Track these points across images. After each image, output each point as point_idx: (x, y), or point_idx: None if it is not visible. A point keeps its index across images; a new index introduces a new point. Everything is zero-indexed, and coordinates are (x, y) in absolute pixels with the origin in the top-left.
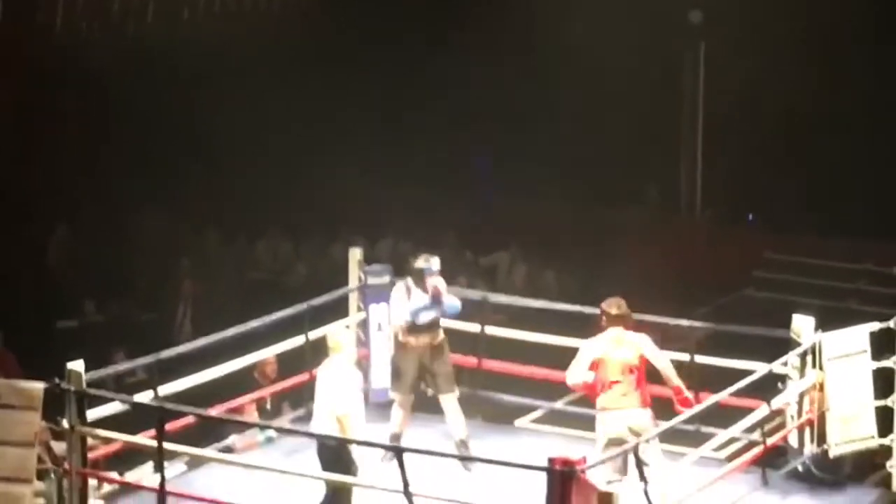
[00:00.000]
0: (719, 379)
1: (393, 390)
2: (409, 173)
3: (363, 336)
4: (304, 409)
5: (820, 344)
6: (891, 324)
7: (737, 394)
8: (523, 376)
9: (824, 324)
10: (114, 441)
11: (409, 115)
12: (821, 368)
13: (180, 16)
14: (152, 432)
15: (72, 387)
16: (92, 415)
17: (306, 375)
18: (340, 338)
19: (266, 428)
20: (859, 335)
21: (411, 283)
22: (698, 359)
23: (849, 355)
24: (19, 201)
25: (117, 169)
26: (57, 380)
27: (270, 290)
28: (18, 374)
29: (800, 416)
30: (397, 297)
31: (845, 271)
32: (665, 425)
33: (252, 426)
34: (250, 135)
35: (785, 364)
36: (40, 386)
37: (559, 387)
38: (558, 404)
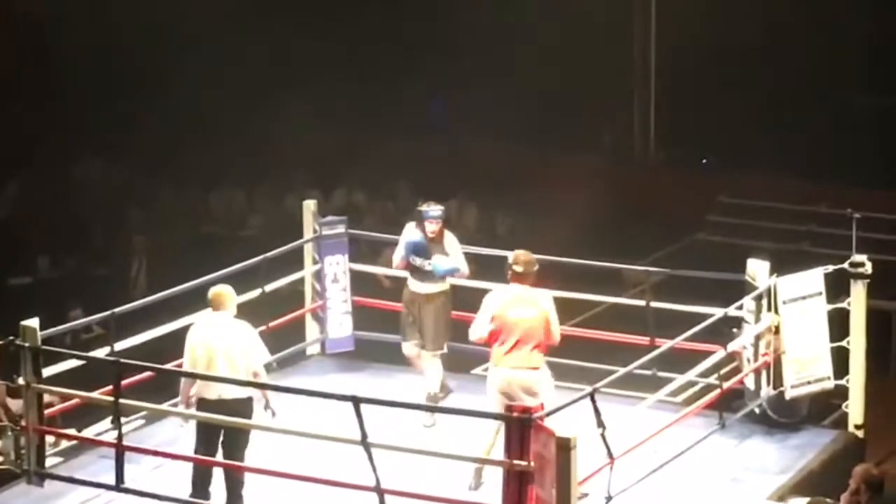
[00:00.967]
0: (675, 324)
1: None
2: (362, 118)
3: (319, 287)
4: None
5: (775, 287)
6: (845, 265)
7: (693, 338)
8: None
9: (779, 267)
10: (70, 397)
11: (362, 60)
12: (776, 311)
13: None
14: (109, 388)
15: (27, 343)
16: (48, 371)
17: (263, 328)
18: (230, 291)
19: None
20: (814, 278)
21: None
22: (654, 304)
23: (804, 298)
24: None
25: (66, 122)
26: (12, 337)
27: (225, 243)
28: None
29: (756, 359)
30: (402, 235)
31: (799, 213)
32: (622, 370)
33: (207, 379)
34: (200, 83)
35: (740, 308)
36: None
37: None
38: None
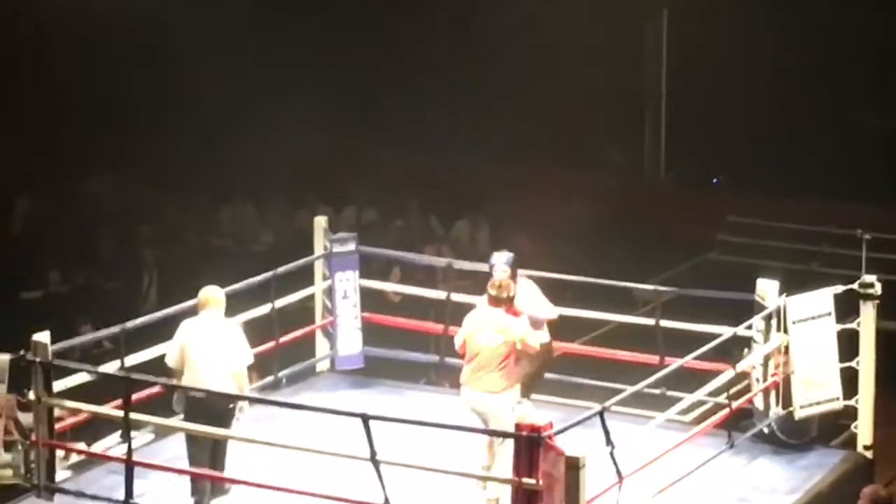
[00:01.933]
0: (684, 342)
1: None
2: (374, 135)
3: (329, 304)
4: (272, 378)
5: (785, 307)
6: (855, 286)
7: (702, 357)
8: None
9: (789, 286)
10: (80, 411)
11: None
12: (785, 331)
13: None
14: (119, 402)
15: (38, 358)
16: (58, 386)
17: (272, 343)
18: (219, 293)
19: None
20: (824, 298)
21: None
22: (663, 323)
23: (813, 318)
24: None
25: (76, 137)
26: (23, 351)
27: (235, 257)
28: None
29: (765, 378)
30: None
31: (810, 233)
32: (631, 389)
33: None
34: (211, 98)
35: (750, 327)
36: (6, 357)
37: None
38: None
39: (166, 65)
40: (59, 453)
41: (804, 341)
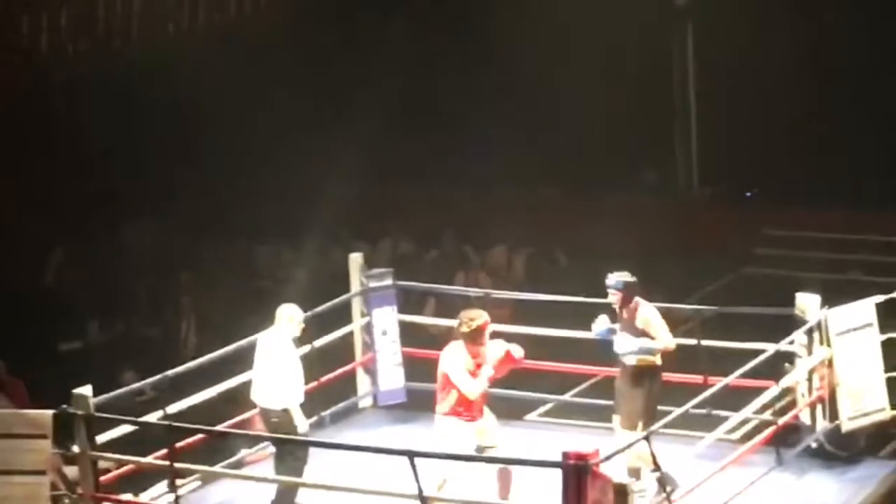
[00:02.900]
0: (726, 360)
1: None
2: (403, 169)
3: (368, 340)
4: (316, 417)
5: (826, 320)
6: (894, 295)
7: (746, 374)
8: (530, 370)
9: (828, 297)
10: (125, 463)
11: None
12: (828, 344)
13: (165, 30)
14: (163, 452)
15: (80, 412)
16: (102, 438)
17: (314, 383)
18: (282, 310)
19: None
20: (865, 308)
21: None
22: (705, 342)
23: (855, 329)
24: (14, 224)
25: (110, 185)
26: (65, 406)
27: (273, 298)
28: (27, 400)
29: (810, 393)
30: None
31: (847, 242)
32: (677, 411)
33: (261, 439)
34: (242, 142)
35: (792, 342)
36: (49, 413)
37: (567, 379)
38: (566, 396)
39: (195, 110)
40: None
41: (848, 353)
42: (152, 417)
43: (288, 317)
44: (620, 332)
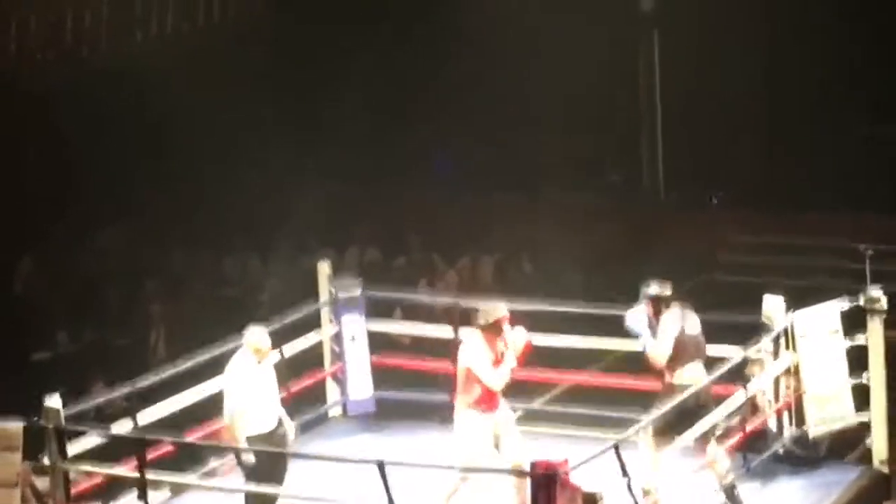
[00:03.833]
0: None
1: None
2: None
3: (337, 349)
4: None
5: (792, 325)
6: (860, 301)
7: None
8: None
9: (794, 303)
10: (96, 474)
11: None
12: (794, 350)
13: (133, 38)
14: (134, 462)
15: (50, 424)
16: (73, 449)
17: (283, 392)
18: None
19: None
20: (830, 314)
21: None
22: None
23: (821, 334)
24: None
25: (77, 195)
26: (35, 418)
27: (242, 307)
28: None
29: (777, 399)
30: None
31: (813, 248)
32: (646, 420)
33: (230, 449)
34: (208, 149)
35: (759, 349)
36: (19, 426)
37: (537, 387)
38: (535, 405)
39: (164, 119)
40: None
41: (814, 359)
42: (123, 427)
43: (253, 347)
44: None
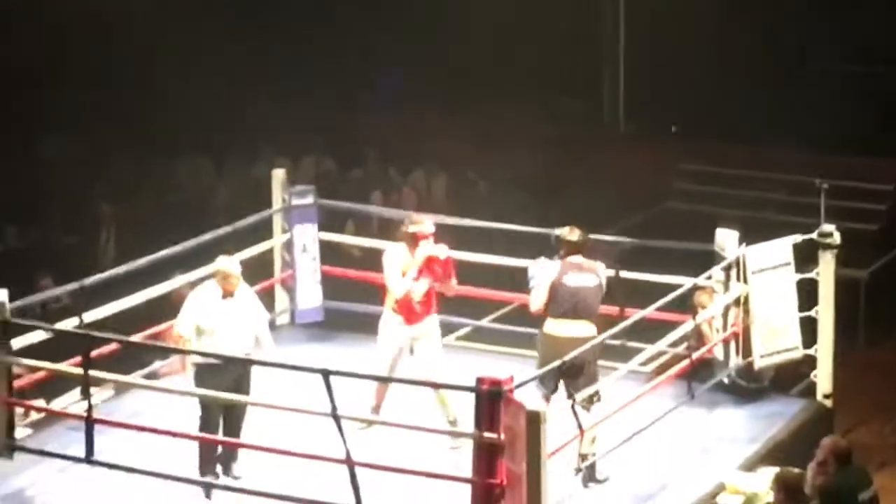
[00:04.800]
0: (644, 294)
1: None
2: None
3: (288, 257)
4: None
5: (744, 257)
6: (813, 235)
7: (662, 308)
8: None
9: (747, 235)
10: (39, 369)
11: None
12: (745, 281)
13: None
14: (78, 359)
15: None
16: (17, 343)
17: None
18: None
19: (187, 353)
20: (783, 248)
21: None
22: (623, 274)
23: (773, 268)
24: None
25: (28, 93)
26: None
27: (193, 211)
28: None
29: (725, 329)
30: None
31: (769, 181)
32: (592, 341)
33: (174, 352)
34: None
35: (709, 278)
36: None
37: (484, 305)
38: (484, 321)
39: (114, 22)
40: (19, 411)
41: (764, 291)
42: (68, 325)
43: (221, 274)
44: None
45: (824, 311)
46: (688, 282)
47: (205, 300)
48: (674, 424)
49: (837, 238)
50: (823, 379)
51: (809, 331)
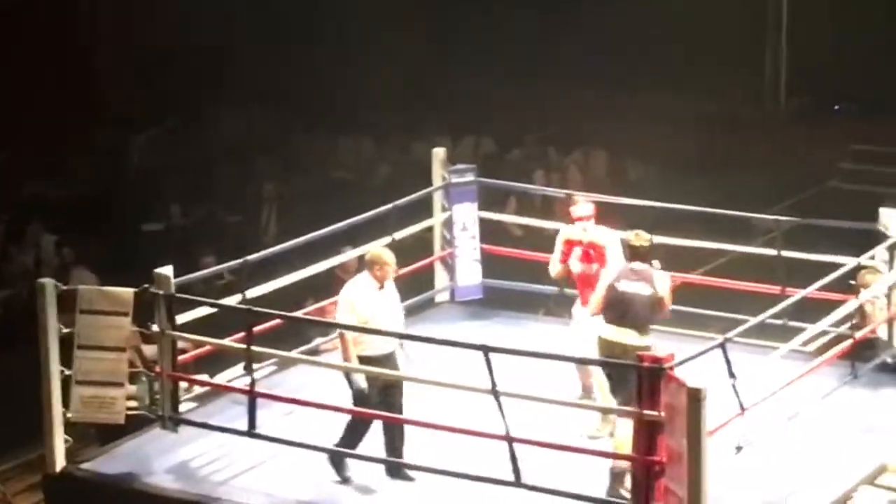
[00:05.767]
0: (805, 273)
1: None
2: (492, 68)
3: (448, 235)
4: None
5: None
6: None
7: (825, 287)
8: None
9: None
10: (203, 344)
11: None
12: None
13: None
14: (241, 335)
15: (161, 291)
16: (181, 318)
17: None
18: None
19: (349, 329)
20: None
21: None
22: (785, 253)
23: None
24: (101, 109)
25: (195, 73)
26: (147, 285)
27: (354, 190)
28: None
29: (889, 308)
30: None
31: None
32: (753, 320)
33: (336, 327)
34: (330, 31)
35: (873, 257)
36: (130, 291)
37: None
38: None
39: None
40: (183, 385)
41: None
42: (231, 301)
43: (375, 264)
44: None
45: None
46: (851, 261)
47: (361, 292)
48: (836, 404)
49: None
50: None
51: None
